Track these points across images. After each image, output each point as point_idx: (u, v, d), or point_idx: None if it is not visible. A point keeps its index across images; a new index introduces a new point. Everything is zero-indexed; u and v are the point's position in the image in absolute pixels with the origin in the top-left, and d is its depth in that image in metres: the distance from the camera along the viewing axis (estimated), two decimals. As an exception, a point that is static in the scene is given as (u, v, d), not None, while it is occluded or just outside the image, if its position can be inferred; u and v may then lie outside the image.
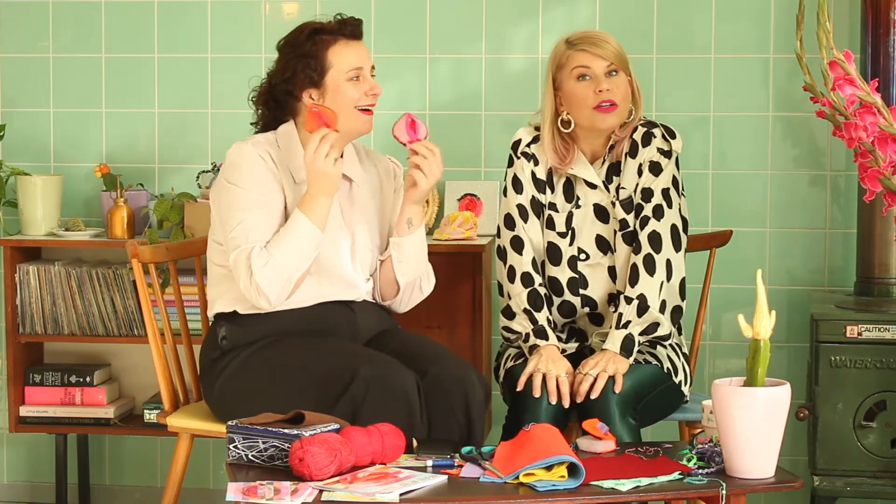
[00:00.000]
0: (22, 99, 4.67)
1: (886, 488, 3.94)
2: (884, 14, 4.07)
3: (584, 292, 3.61)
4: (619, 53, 3.57)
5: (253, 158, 3.46)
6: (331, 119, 3.40)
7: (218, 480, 4.65)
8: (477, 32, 4.48)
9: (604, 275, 3.60)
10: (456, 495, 2.85)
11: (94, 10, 4.62)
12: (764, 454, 2.92)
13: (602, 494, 2.86)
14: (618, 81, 3.54)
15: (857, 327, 3.92)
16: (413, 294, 3.66)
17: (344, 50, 3.48)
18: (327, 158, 3.36)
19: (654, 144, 3.59)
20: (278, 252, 3.36)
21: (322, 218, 3.39)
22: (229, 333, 3.49)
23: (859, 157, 3.30)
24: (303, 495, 2.78)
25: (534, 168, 3.65)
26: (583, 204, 3.61)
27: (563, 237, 3.61)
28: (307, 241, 3.38)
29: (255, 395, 3.38)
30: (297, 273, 3.39)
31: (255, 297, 3.38)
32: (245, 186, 3.44)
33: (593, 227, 3.60)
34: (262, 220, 3.41)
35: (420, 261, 3.60)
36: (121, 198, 4.41)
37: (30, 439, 4.73)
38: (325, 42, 3.48)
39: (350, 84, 3.48)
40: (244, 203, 3.42)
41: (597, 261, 3.60)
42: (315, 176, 3.37)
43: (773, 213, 4.41)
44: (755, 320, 2.93)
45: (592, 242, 3.60)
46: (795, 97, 4.31)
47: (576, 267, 3.61)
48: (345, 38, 3.50)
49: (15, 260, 4.40)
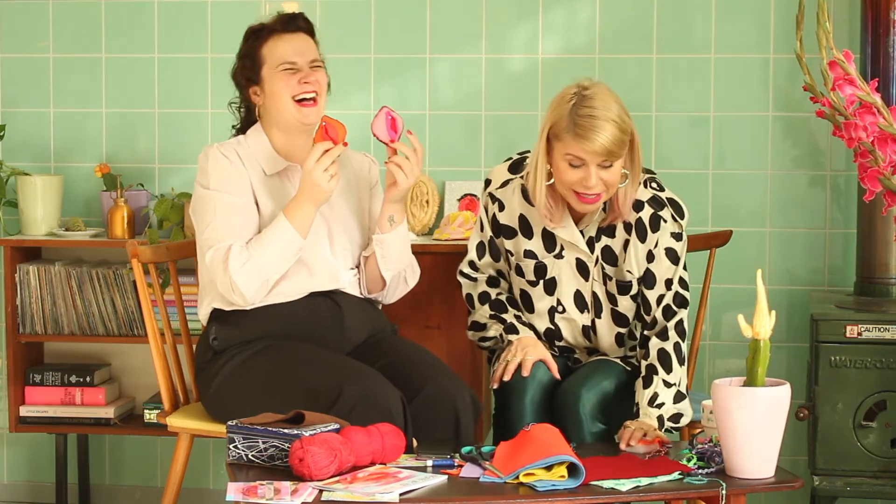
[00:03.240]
0: (22, 99, 4.67)
1: (886, 488, 3.94)
2: (884, 14, 4.07)
3: (559, 344, 3.59)
4: (617, 142, 3.29)
5: (217, 159, 3.52)
6: (337, 134, 3.44)
7: (218, 480, 4.65)
8: (477, 32, 4.48)
9: (578, 330, 3.56)
10: (456, 495, 2.85)
11: (94, 10, 4.62)
12: (764, 454, 2.92)
13: (602, 494, 2.86)
14: (611, 171, 3.32)
15: (857, 327, 3.92)
16: (399, 286, 3.70)
17: (277, 43, 3.55)
18: (325, 172, 3.40)
19: (667, 230, 3.44)
20: (258, 253, 3.41)
21: (306, 225, 3.44)
22: (219, 334, 3.51)
23: (859, 157, 3.31)
24: (303, 495, 2.78)
25: (497, 212, 3.53)
26: (566, 255, 3.50)
27: (534, 286, 3.54)
28: (288, 246, 3.43)
29: (248, 402, 3.39)
30: (274, 275, 3.44)
31: (231, 293, 3.43)
32: (213, 187, 3.50)
33: (573, 281, 3.52)
34: (233, 219, 3.46)
35: (403, 255, 3.63)
36: (121, 198, 4.41)
37: (30, 439, 4.73)
38: (259, 39, 3.56)
39: (282, 75, 3.52)
40: (214, 204, 3.48)
41: (572, 316, 3.54)
42: (309, 185, 3.41)
43: (773, 213, 4.41)
44: (755, 320, 2.93)
45: (571, 298, 3.53)
46: (795, 97, 4.31)
47: (553, 318, 3.56)
48: (278, 33, 3.56)
49: (15, 260, 4.40)
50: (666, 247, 3.45)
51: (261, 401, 3.35)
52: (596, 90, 3.33)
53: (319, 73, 3.57)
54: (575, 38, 4.42)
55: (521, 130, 4.44)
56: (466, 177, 4.49)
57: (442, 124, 4.50)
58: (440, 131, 4.50)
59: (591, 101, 3.31)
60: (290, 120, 3.55)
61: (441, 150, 4.51)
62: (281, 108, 3.53)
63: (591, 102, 3.31)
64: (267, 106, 3.57)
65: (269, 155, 3.57)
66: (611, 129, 3.28)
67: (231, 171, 3.51)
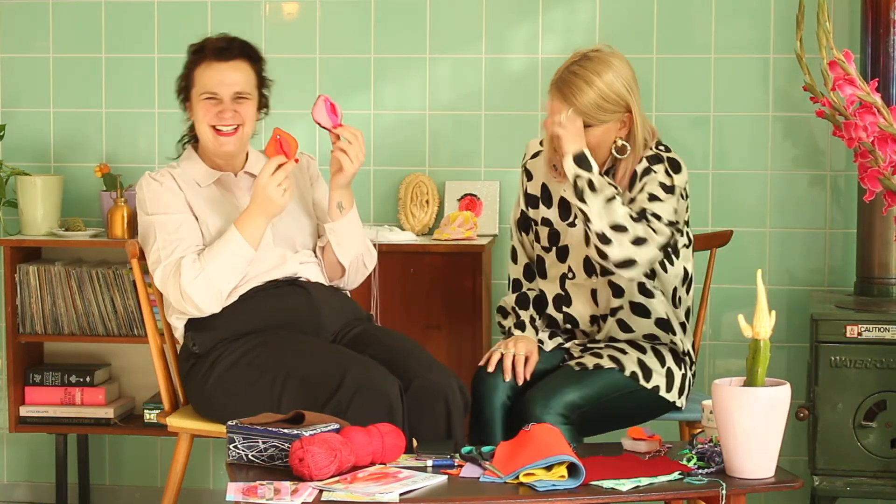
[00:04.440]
0: (22, 99, 4.67)
1: (886, 488, 3.94)
2: (884, 14, 4.07)
3: (566, 310, 3.62)
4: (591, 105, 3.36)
5: (150, 185, 3.60)
6: (290, 148, 3.48)
7: (218, 480, 4.65)
8: (477, 32, 4.48)
9: (586, 296, 3.60)
10: (456, 495, 2.85)
11: (94, 10, 4.62)
12: (764, 454, 2.92)
13: (602, 494, 2.86)
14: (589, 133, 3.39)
15: (857, 327, 3.92)
16: (359, 271, 3.74)
17: (206, 71, 3.60)
18: (279, 187, 3.45)
19: (655, 179, 3.45)
20: (210, 266, 3.46)
21: (257, 237, 3.49)
22: (197, 339, 3.55)
23: (859, 157, 3.30)
24: (303, 495, 2.78)
25: (527, 183, 3.64)
26: (578, 223, 3.55)
27: (548, 251, 3.61)
28: (239, 258, 3.48)
29: (243, 399, 3.41)
30: (227, 287, 3.49)
31: (183, 305, 3.49)
32: (150, 211, 3.57)
33: (582, 248, 3.56)
34: (174, 236, 3.52)
35: (358, 240, 3.68)
36: (121, 198, 4.41)
37: (30, 439, 4.73)
38: (195, 61, 3.62)
39: (204, 104, 3.59)
40: (154, 227, 3.54)
41: (580, 282, 3.58)
42: (262, 199, 3.46)
43: (773, 213, 4.41)
44: (755, 320, 2.93)
45: (580, 263, 3.57)
46: (795, 97, 4.31)
47: (563, 284, 3.61)
48: (209, 61, 3.60)
49: (15, 260, 4.40)
50: (649, 192, 3.43)
51: (256, 396, 3.37)
52: (602, 55, 3.40)
53: (243, 105, 3.60)
54: (575, 38, 4.42)
55: (521, 130, 4.44)
56: (466, 177, 4.49)
57: (442, 124, 4.50)
58: (440, 131, 4.50)
59: (587, 62, 3.38)
60: (207, 146, 3.63)
61: (441, 150, 4.51)
62: (201, 132, 3.62)
63: (586, 63, 3.37)
64: (195, 127, 3.66)
65: (200, 170, 3.64)
66: (587, 92, 3.36)
67: (163, 192, 3.58)
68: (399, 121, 4.49)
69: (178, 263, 3.47)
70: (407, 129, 4.51)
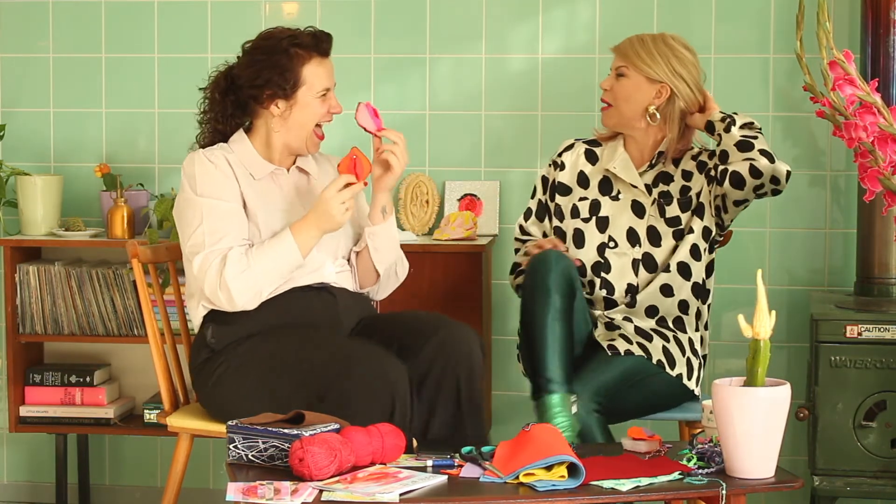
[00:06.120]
0: (22, 99, 4.67)
1: (886, 488, 3.94)
2: (884, 14, 4.07)
3: (605, 275, 3.69)
4: (632, 46, 3.67)
5: (204, 164, 3.52)
6: (363, 171, 3.48)
7: (218, 480, 4.65)
8: (477, 32, 4.48)
9: (627, 266, 3.68)
10: (456, 495, 2.85)
11: (94, 10, 4.62)
12: (764, 454, 2.92)
13: (602, 494, 2.86)
14: (622, 83, 3.69)
15: (857, 327, 3.92)
16: (390, 280, 3.74)
17: (318, 69, 3.56)
18: (342, 205, 3.44)
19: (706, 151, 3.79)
20: (257, 264, 3.43)
21: (309, 247, 3.47)
22: (216, 333, 3.51)
23: (859, 157, 3.30)
24: (303, 495, 2.78)
25: (557, 174, 3.81)
26: (622, 198, 3.72)
27: (587, 222, 3.73)
28: (286, 263, 3.46)
29: (248, 392, 3.40)
30: (268, 288, 3.46)
31: (219, 296, 3.43)
32: (201, 192, 3.49)
33: (627, 219, 3.70)
34: (223, 224, 3.46)
35: (395, 247, 3.69)
36: (121, 198, 4.42)
37: (30, 439, 4.73)
38: (300, 57, 3.54)
39: (319, 101, 3.56)
40: (201, 209, 3.47)
41: (623, 251, 3.69)
42: (323, 212, 3.44)
43: (773, 213, 4.41)
44: (755, 320, 2.93)
45: (623, 233, 3.70)
46: (795, 97, 4.32)
47: (603, 253, 3.70)
48: (319, 56, 3.57)
49: (15, 260, 4.40)
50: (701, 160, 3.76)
51: (262, 387, 3.38)
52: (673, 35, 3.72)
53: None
54: (575, 38, 4.42)
55: (522, 130, 4.44)
56: (466, 177, 4.49)
57: (442, 124, 4.50)
58: (440, 131, 4.50)
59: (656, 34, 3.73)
60: (299, 145, 3.59)
61: (441, 150, 4.51)
62: (302, 133, 3.57)
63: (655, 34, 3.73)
64: (282, 123, 3.57)
65: (255, 160, 3.58)
66: (637, 39, 3.69)
67: (218, 175, 3.51)
68: (399, 121, 4.48)
69: (223, 254, 3.42)
70: (407, 129, 4.50)
